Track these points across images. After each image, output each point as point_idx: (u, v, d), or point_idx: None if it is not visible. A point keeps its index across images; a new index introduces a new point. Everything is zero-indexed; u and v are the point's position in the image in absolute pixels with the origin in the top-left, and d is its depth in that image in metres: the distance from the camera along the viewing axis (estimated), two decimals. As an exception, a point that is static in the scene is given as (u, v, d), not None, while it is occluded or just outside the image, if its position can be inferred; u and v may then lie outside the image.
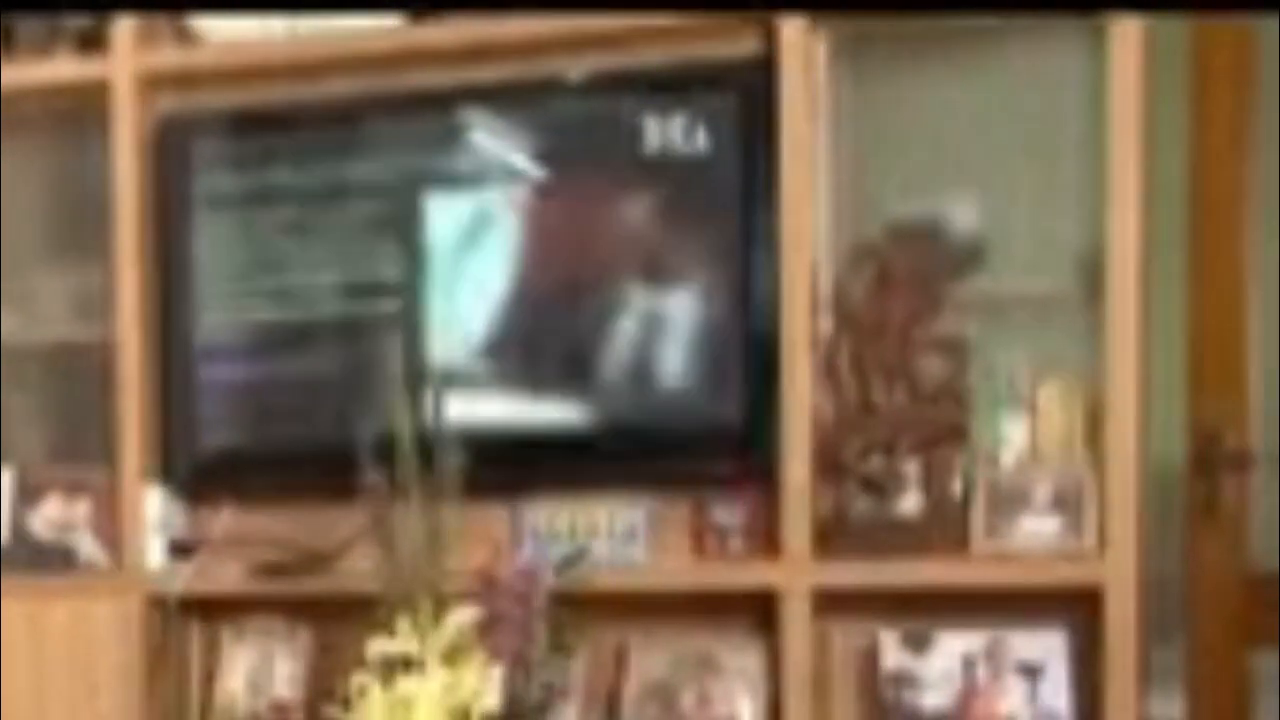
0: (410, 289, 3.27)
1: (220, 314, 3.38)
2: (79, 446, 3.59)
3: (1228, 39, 3.64)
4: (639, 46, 3.18)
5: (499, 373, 3.25)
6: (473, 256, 3.24)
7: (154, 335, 3.43)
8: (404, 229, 3.28)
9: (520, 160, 3.24)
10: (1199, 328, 3.51)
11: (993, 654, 3.05)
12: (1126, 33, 2.93)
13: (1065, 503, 3.00)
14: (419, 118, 3.29)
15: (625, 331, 3.17)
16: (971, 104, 3.10)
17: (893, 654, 3.10)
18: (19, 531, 3.52)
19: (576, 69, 3.22)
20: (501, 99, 3.26)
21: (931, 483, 3.05)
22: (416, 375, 3.02)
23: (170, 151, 3.41)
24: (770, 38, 3.08)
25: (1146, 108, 2.94)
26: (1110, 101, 2.93)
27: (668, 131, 3.13)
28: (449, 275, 3.25)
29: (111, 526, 3.45)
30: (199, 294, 3.39)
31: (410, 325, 3.26)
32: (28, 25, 3.54)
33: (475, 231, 3.25)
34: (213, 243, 3.38)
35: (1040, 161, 3.06)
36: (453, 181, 3.27)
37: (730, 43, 3.13)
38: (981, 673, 3.05)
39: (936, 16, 2.99)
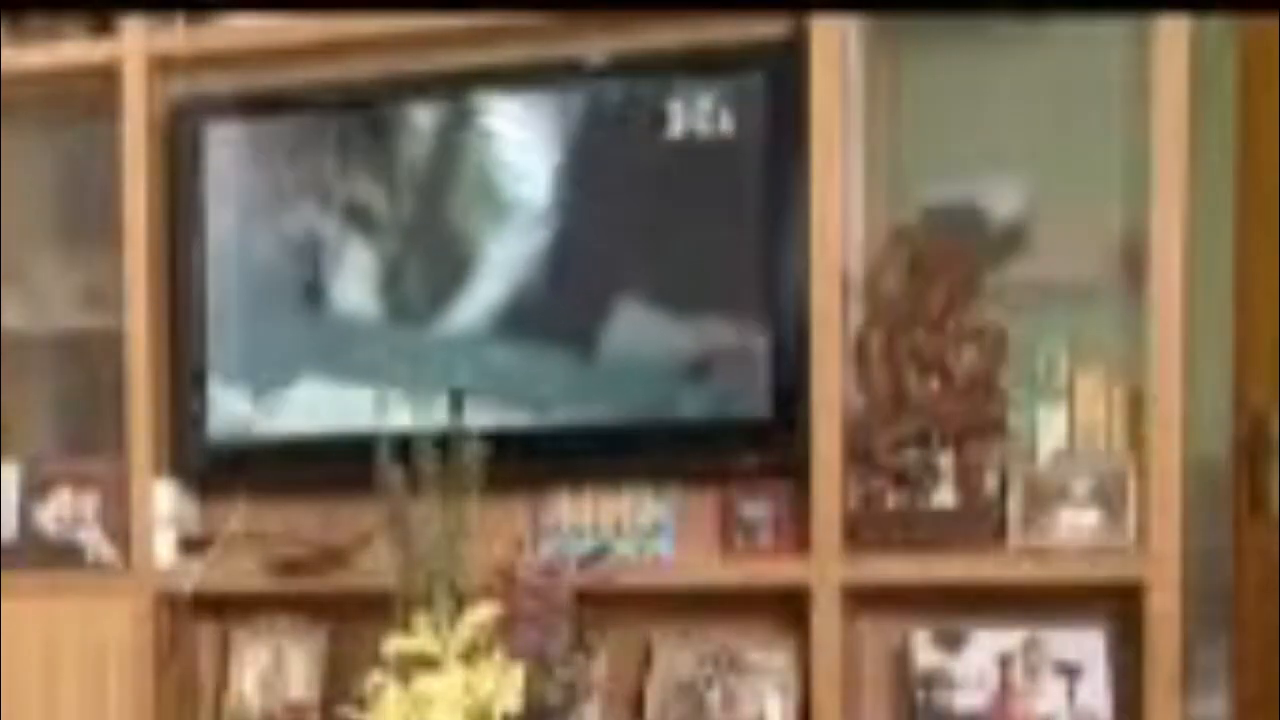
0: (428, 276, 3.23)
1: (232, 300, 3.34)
2: (87, 439, 3.55)
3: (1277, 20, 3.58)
4: (662, 27, 3.13)
5: (520, 361, 3.18)
6: (493, 243, 3.17)
7: (164, 325, 3.38)
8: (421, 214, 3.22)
9: (540, 145, 3.17)
10: (1245, 313, 3.45)
11: (1029, 653, 3.01)
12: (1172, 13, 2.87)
13: (1105, 496, 2.96)
14: (436, 101, 3.22)
15: (649, 321, 3.10)
16: (1012, 84, 3.05)
17: (925, 652, 3.05)
18: (26, 527, 3.47)
19: (598, 51, 3.17)
20: (520, 82, 3.20)
21: (966, 476, 3.00)
22: (434, 363, 2.97)
23: (181, 136, 3.36)
24: (799, 17, 3.03)
25: (1192, 89, 2.88)
26: (1155, 82, 2.87)
27: (692, 115, 3.08)
28: (468, 262, 3.20)
29: (120, 522, 3.40)
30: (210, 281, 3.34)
31: (430, 312, 3.20)
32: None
33: (495, 217, 3.18)
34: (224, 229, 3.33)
35: (1082, 143, 3.01)
36: (472, 167, 3.20)
37: (757, 22, 3.08)
38: (1017, 672, 3.01)
39: (971, 16, 2.94)
